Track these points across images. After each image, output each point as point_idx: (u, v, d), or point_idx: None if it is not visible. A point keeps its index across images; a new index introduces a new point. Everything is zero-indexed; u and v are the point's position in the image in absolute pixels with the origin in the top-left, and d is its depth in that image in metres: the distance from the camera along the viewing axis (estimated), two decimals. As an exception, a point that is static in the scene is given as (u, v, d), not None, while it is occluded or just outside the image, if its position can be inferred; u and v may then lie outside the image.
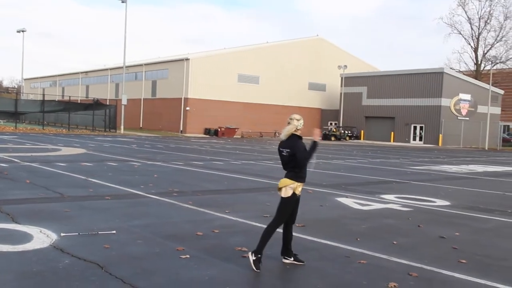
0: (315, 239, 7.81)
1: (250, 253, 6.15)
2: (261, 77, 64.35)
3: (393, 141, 61.32)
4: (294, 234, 8.09)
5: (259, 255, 6.05)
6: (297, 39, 70.42)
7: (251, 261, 5.98)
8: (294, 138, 6.23)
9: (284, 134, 6.30)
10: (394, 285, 5.65)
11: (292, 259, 6.41)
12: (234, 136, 57.34)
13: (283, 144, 6.30)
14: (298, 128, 6.26)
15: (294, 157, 6.11)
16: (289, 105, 66.31)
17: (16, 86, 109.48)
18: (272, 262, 6.42)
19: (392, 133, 62.31)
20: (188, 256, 6.51)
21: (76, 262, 6.01)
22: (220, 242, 7.38)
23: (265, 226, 8.51)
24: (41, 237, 7.05)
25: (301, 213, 9.93)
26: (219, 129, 57.45)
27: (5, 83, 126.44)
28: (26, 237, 7.03)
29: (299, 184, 6.24)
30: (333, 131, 62.42)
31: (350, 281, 5.81)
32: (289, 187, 6.20)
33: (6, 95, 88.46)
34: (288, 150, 6.17)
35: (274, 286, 5.54)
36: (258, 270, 5.91)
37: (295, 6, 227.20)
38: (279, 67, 65.32)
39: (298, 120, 6.30)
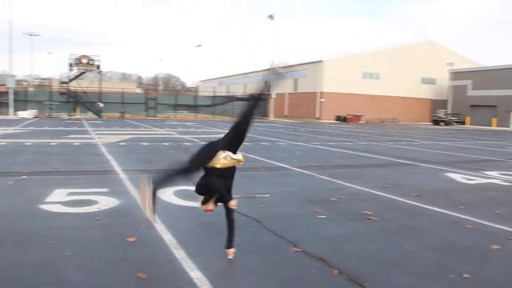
0: (428, 207, 7.43)
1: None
2: (381, 73, 62.22)
3: (495, 126, 56.45)
4: (410, 202, 7.81)
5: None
6: (411, 42, 66.67)
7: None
8: None
9: None
10: (497, 247, 5.24)
11: None
12: (359, 122, 56.11)
13: None
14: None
15: None
16: (404, 96, 63.89)
17: (195, 86, 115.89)
18: (391, 224, 6.24)
19: (494, 119, 57.33)
20: (324, 216, 6.53)
21: (240, 217, 6.26)
22: (349, 206, 7.31)
23: (385, 195, 8.31)
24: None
25: (415, 185, 9.57)
26: (347, 116, 56.83)
27: (188, 84, 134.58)
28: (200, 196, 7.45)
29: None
30: (442, 118, 58.69)
31: (458, 242, 5.47)
32: None
33: (188, 93, 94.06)
34: None
35: (393, 242, 5.38)
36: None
37: (410, 13, 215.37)
38: (396, 65, 62.57)
39: None
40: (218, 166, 4.36)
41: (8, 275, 4.06)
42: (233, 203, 4.46)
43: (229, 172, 4.48)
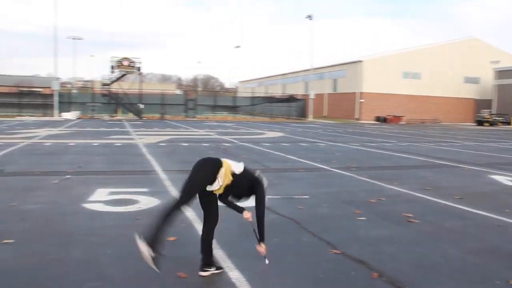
0: (471, 210, 7.21)
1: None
2: (422, 73, 60.76)
3: (543, 126, 54.18)
4: (452, 205, 7.59)
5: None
6: (453, 40, 64.68)
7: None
8: None
9: None
10: (550, 254, 5.03)
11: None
12: (400, 123, 54.99)
13: None
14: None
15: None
16: (447, 96, 62.18)
17: (234, 87, 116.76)
18: (433, 226, 6.08)
19: (544, 119, 55.04)
20: (364, 218, 6.45)
21: (279, 218, 6.30)
22: (390, 208, 7.19)
23: (426, 197, 8.12)
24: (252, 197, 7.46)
25: (457, 187, 9.30)
26: (387, 117, 55.80)
27: (227, 85, 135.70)
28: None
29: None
30: (486, 118, 56.52)
31: (504, 247, 5.27)
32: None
33: (227, 93, 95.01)
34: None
35: (434, 246, 5.25)
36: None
37: (452, 11, 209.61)
38: (438, 64, 60.90)
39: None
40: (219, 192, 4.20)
41: (54, 271, 4.21)
42: (245, 215, 4.21)
43: (233, 183, 4.23)
